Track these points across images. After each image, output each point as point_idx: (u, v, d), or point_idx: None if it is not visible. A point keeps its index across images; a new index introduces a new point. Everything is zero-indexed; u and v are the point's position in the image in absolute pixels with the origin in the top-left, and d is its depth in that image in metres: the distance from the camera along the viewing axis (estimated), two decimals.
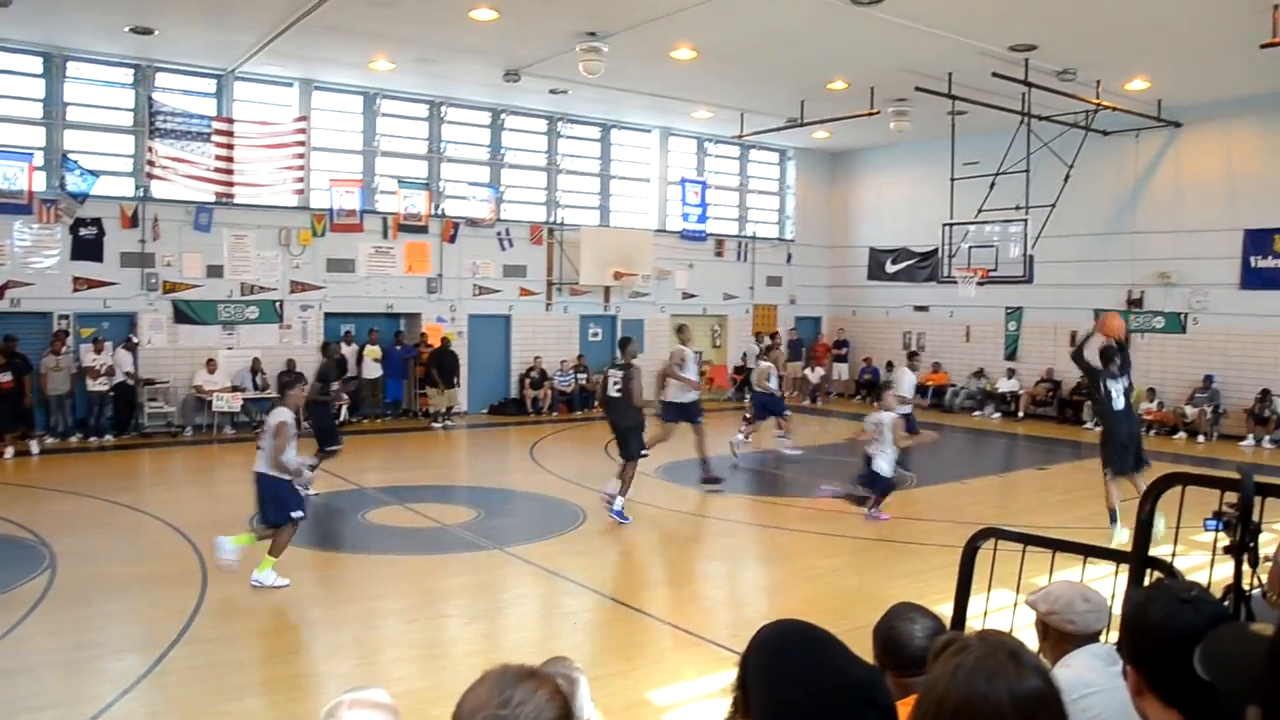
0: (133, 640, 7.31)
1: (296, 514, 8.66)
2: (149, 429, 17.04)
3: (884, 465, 11.20)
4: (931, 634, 2.80)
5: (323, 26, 14.61)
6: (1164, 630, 1.85)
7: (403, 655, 7.21)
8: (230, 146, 17.27)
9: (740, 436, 15.93)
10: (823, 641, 1.85)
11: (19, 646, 7.01)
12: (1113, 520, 9.99)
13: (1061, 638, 3.06)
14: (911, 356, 16.54)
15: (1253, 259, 18.40)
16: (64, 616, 7.74)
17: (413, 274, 19.96)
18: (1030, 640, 3.99)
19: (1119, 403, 10.10)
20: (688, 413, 13.25)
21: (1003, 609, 4.73)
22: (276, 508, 8.57)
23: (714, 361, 24.47)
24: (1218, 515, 2.98)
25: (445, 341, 19.66)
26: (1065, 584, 3.29)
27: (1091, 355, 10.31)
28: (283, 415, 8.65)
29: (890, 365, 22.62)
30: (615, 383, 11.61)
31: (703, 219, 23.86)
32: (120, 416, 16.65)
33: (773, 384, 15.98)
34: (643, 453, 11.59)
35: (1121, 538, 9.27)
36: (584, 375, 21.69)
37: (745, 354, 24.21)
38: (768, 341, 20.49)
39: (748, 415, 16.69)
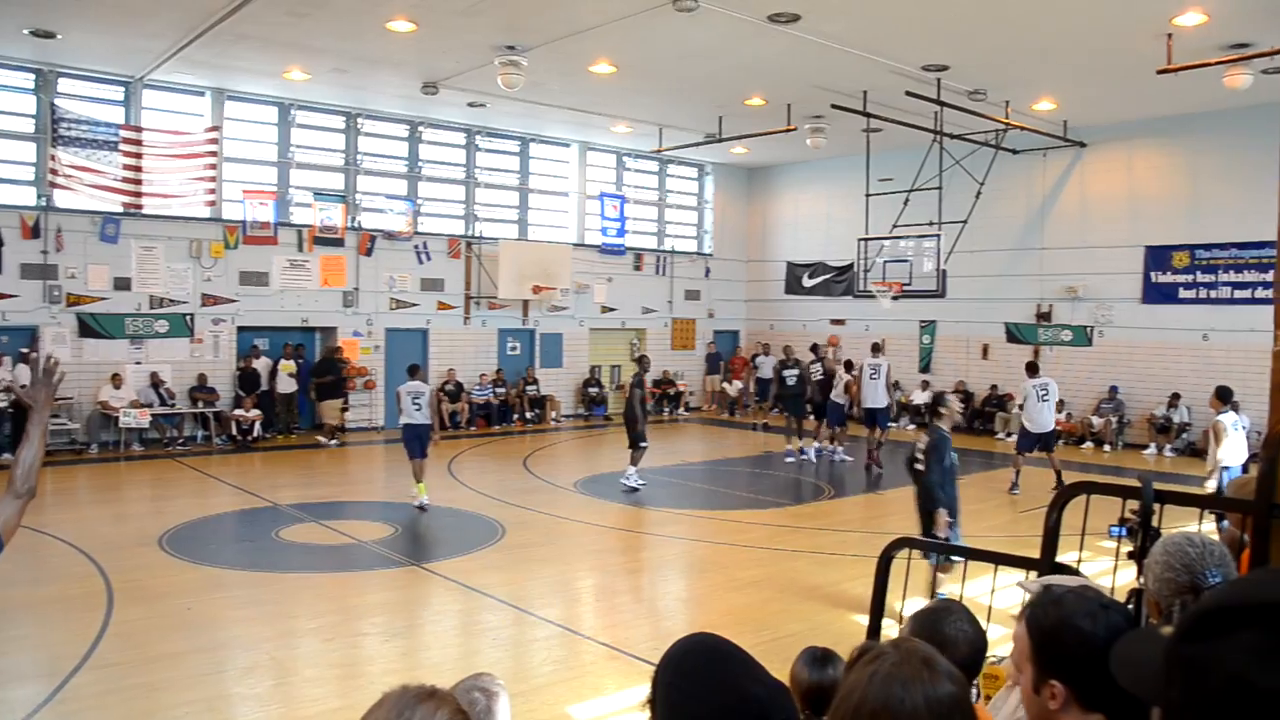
0: (33, 667, 7.05)
1: None
2: (52, 446, 16.48)
3: None
4: (973, 640, 2.77)
5: (235, 35, 14.34)
6: (1092, 638, 1.88)
7: (320, 675, 7.07)
8: (139, 156, 16.83)
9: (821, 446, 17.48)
10: (725, 657, 1.86)
11: None
12: None
13: None
14: (876, 349, 17.46)
15: (1153, 274, 19.09)
16: None
17: (328, 287, 19.66)
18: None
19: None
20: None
21: None
22: None
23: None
24: (1122, 522, 3.07)
25: (331, 351, 19.32)
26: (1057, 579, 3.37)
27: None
28: None
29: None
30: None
31: (621, 233, 23.93)
32: (19, 434, 16.03)
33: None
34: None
35: None
36: (502, 389, 21.58)
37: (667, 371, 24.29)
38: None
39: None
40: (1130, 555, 2.97)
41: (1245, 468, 10.29)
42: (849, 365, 17.32)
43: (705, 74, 16.04)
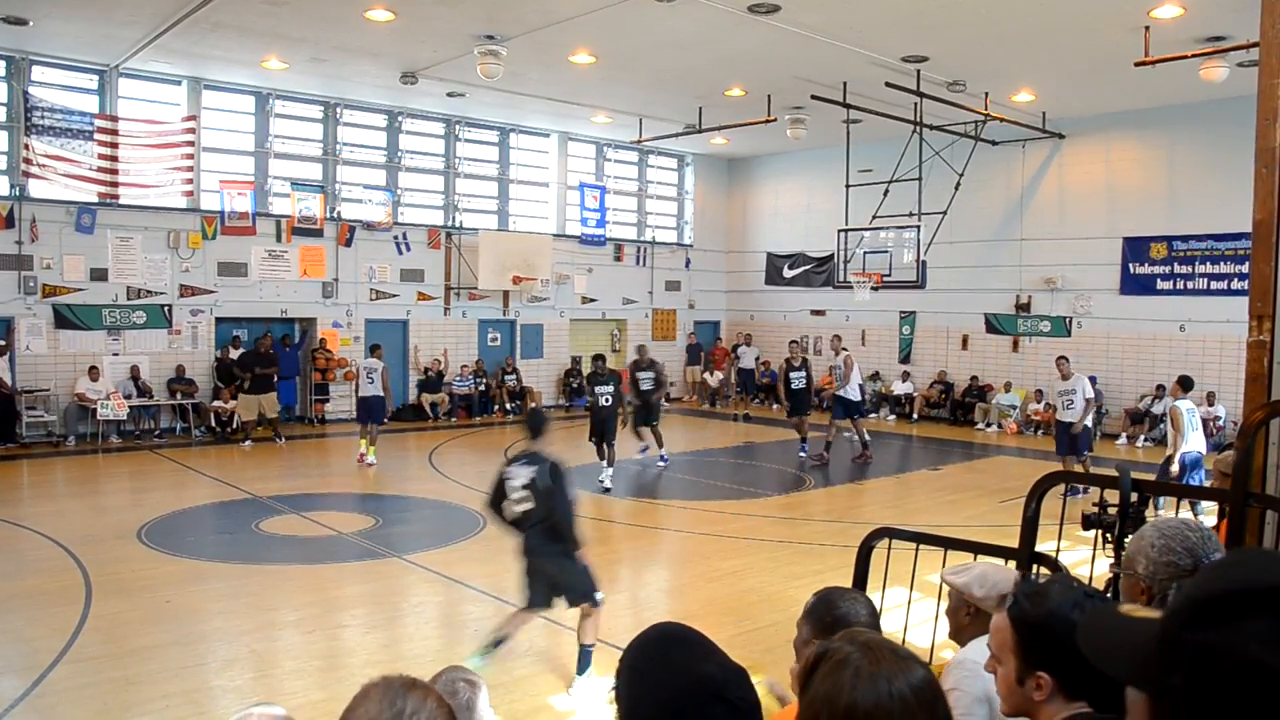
0: (10, 661, 6.99)
1: None
2: (28, 439, 16.35)
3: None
4: (871, 612, 2.82)
5: (212, 23, 14.22)
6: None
7: (301, 667, 7.05)
8: (114, 145, 16.67)
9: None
10: (683, 641, 1.89)
11: None
12: None
13: (984, 617, 3.09)
14: (836, 338, 17.58)
15: (1131, 265, 19.24)
16: None
17: (307, 278, 19.55)
18: (918, 636, 4.09)
19: None
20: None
21: (898, 606, 4.85)
22: None
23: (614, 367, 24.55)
24: (1100, 511, 3.10)
25: (265, 338, 17.96)
26: (990, 566, 3.39)
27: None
28: None
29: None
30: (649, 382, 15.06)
31: (602, 224, 23.91)
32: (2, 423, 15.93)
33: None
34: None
35: None
36: (482, 380, 21.54)
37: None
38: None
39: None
40: (1108, 542, 2.99)
41: (1200, 459, 10.78)
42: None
43: (685, 64, 16.03)
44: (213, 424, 17.83)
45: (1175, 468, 10.63)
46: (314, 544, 10.64)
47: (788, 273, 25.31)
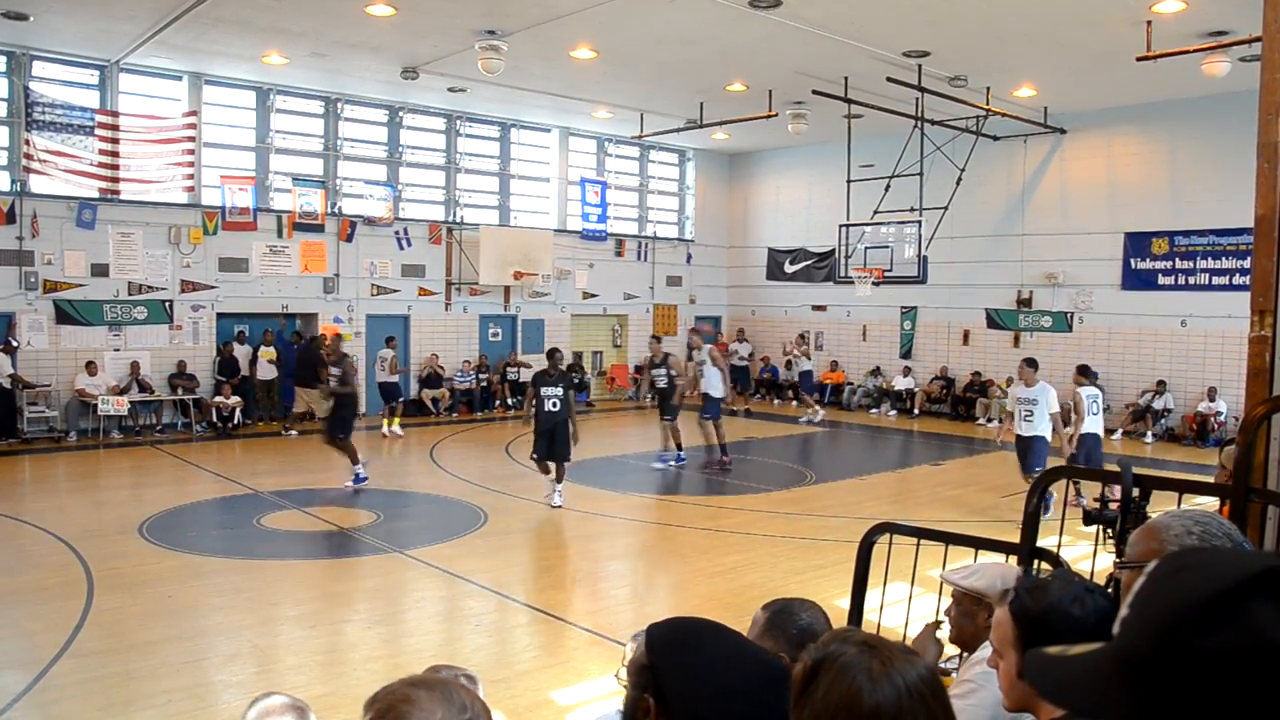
0: (12, 656, 7.00)
1: None
2: (30, 434, 16.36)
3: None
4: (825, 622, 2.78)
5: (212, 18, 14.20)
6: (1082, 623, 1.92)
7: (302, 662, 7.06)
8: (115, 141, 16.66)
9: None
10: (729, 633, 1.85)
11: None
12: None
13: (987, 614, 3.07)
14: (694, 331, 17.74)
15: (1132, 260, 19.22)
16: None
17: (309, 273, 19.55)
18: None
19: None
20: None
21: (898, 602, 4.85)
22: None
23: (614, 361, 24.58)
24: (1102, 506, 3.09)
25: (296, 336, 19.35)
26: (993, 565, 3.39)
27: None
28: None
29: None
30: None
31: (603, 219, 23.89)
32: (3, 420, 15.93)
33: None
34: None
35: None
36: (484, 375, 21.54)
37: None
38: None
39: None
40: (1110, 538, 2.99)
41: (1099, 438, 11.90)
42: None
43: (686, 59, 16.00)
44: (214, 419, 17.83)
45: (1073, 447, 11.52)
46: (315, 539, 10.66)
47: (789, 268, 25.29)
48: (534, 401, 12.07)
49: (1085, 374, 12.33)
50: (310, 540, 10.61)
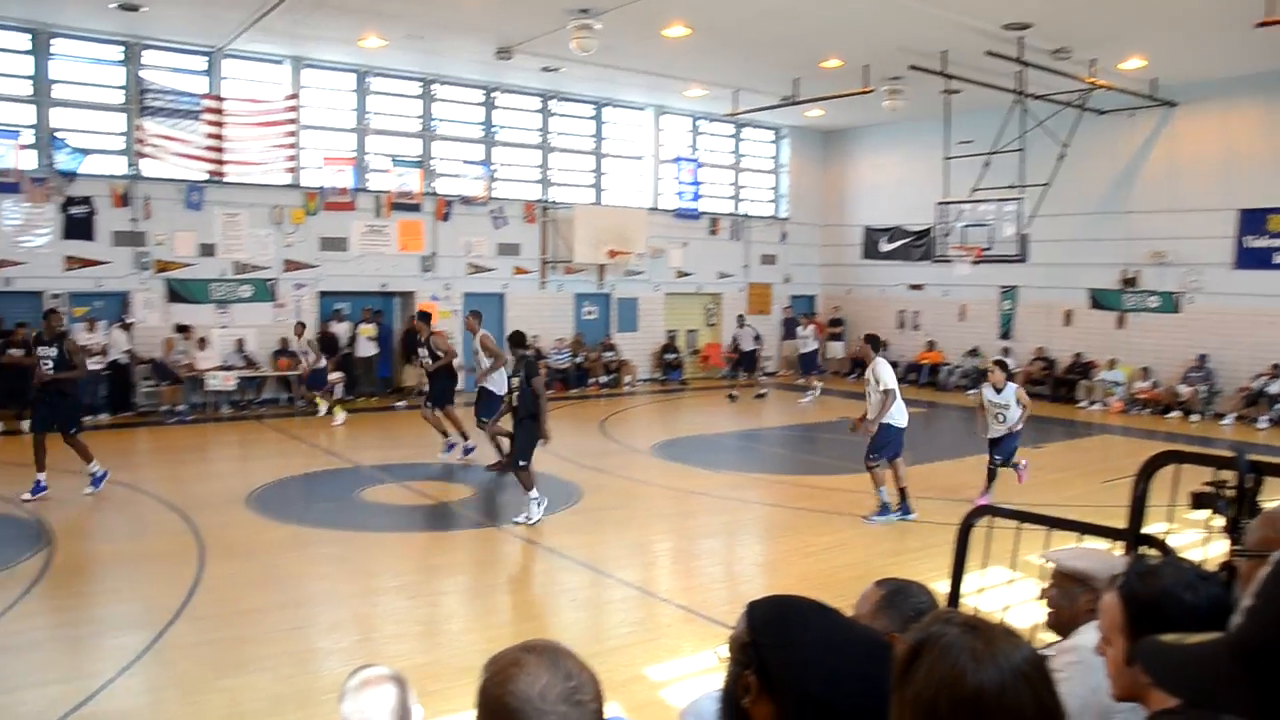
0: (132, 618, 7.34)
1: None
2: (144, 408, 17.03)
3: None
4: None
5: (313, 4, 14.51)
6: (1195, 610, 1.88)
7: (402, 631, 7.25)
8: (221, 125, 17.19)
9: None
10: (833, 611, 1.83)
11: (20, 624, 7.04)
12: None
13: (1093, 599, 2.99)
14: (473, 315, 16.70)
15: (1246, 239, 18.44)
16: (63, 594, 7.78)
17: (406, 252, 19.92)
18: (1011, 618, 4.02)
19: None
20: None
21: (997, 586, 4.78)
22: None
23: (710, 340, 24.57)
24: (1217, 492, 3.00)
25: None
26: (1100, 550, 3.31)
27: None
28: None
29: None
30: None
31: (696, 197, 23.84)
32: (115, 396, 16.63)
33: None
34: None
35: None
36: (580, 354, 21.71)
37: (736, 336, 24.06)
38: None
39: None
40: (1225, 529, 2.90)
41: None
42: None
43: (781, 35, 15.82)
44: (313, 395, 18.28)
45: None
46: (414, 512, 10.91)
47: (885, 246, 24.93)
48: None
49: (1002, 367, 11.48)
50: (409, 513, 10.86)
